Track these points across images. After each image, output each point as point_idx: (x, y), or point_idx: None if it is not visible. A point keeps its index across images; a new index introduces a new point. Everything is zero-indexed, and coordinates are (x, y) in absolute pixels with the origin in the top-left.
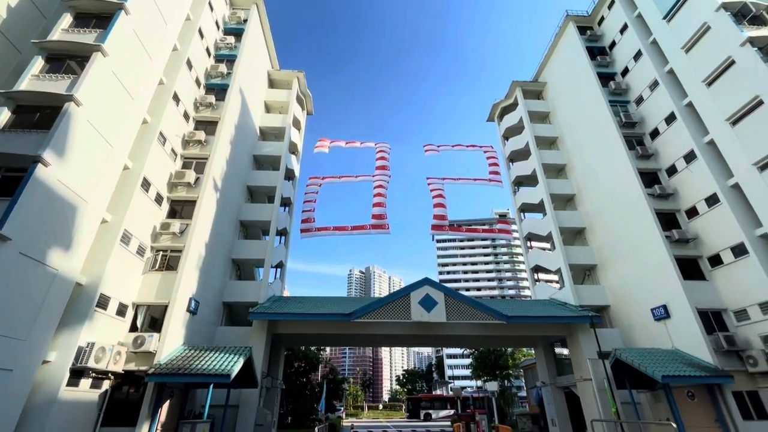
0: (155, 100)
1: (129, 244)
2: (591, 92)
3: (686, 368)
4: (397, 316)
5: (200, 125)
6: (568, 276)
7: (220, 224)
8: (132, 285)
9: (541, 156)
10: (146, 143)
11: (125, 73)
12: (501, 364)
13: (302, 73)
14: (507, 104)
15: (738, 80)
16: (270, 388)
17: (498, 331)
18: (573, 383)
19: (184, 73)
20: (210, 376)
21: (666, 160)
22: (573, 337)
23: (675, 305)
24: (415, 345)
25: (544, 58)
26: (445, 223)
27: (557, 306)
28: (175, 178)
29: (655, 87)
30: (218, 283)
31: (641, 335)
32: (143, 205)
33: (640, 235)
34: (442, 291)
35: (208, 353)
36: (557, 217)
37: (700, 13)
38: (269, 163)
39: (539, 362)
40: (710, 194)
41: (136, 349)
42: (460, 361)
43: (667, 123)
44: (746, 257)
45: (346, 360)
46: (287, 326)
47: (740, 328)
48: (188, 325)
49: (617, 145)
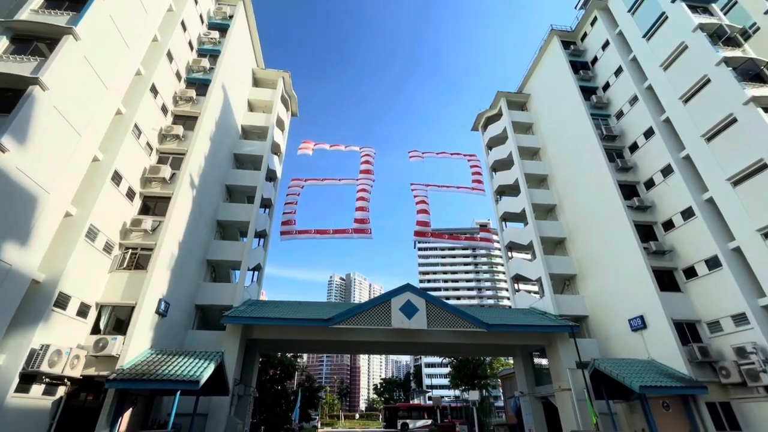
0: (131, 91)
1: (95, 240)
2: (574, 105)
3: (662, 379)
4: (377, 323)
5: (179, 120)
6: (549, 285)
7: (196, 223)
8: (96, 284)
9: (523, 166)
10: (119, 135)
11: (99, 60)
12: (480, 373)
13: (288, 73)
14: (491, 114)
15: (713, 98)
16: (242, 396)
17: (478, 339)
18: (551, 393)
19: (163, 65)
20: (177, 383)
21: (644, 174)
22: (552, 347)
23: (651, 316)
24: (394, 353)
25: (529, 71)
26: (428, 229)
27: (537, 315)
28: (150, 173)
29: (635, 102)
30: (191, 284)
31: (619, 345)
32: (113, 199)
33: (618, 246)
34: (424, 298)
35: (176, 358)
36: (538, 226)
37: (678, 33)
38: (250, 163)
39: (518, 372)
40: (686, 208)
41: (97, 352)
42: (439, 370)
43: (645, 137)
44: (719, 270)
45: (323, 368)
46: (263, 331)
47: (713, 339)
48: (157, 328)
49: (598, 157)
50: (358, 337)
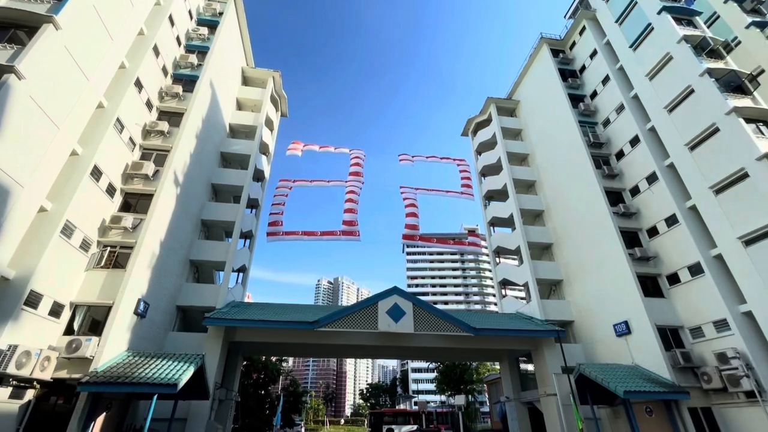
0: (114, 84)
1: (71, 237)
2: (562, 112)
3: (646, 384)
4: (363, 326)
5: (164, 116)
6: (535, 290)
7: (179, 222)
8: (72, 282)
9: (512, 171)
10: (100, 129)
11: (81, 51)
12: (466, 378)
13: (278, 72)
14: (481, 120)
15: (697, 108)
16: (224, 400)
17: (465, 343)
18: (537, 398)
19: (149, 59)
20: (153, 386)
21: (630, 181)
22: (538, 352)
23: (636, 321)
24: (381, 356)
25: (519, 77)
26: (416, 232)
27: (524, 320)
28: (132, 169)
29: (621, 111)
30: (173, 284)
31: (603, 351)
32: (92, 195)
33: (604, 251)
34: (411, 301)
35: (154, 360)
36: (526, 231)
37: (664, 44)
38: (237, 162)
39: (504, 377)
40: (670, 215)
41: (69, 354)
42: (425, 375)
43: (631, 145)
44: (702, 276)
45: (309, 372)
46: (246, 334)
47: (696, 345)
48: (135, 329)
49: (585, 163)
50: (344, 340)
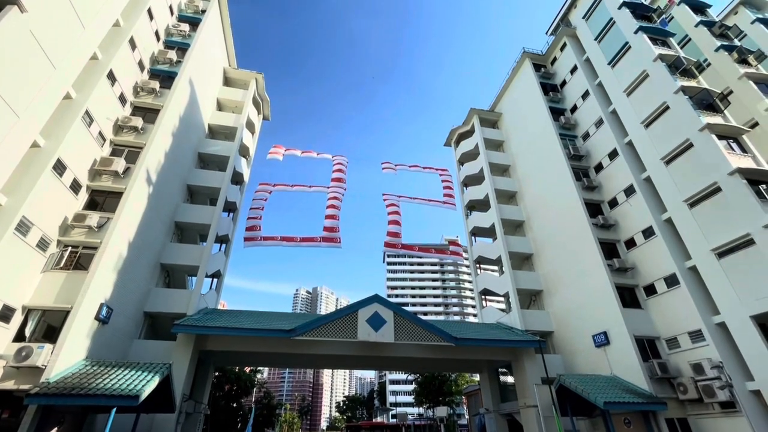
0: (85, 75)
1: (27, 234)
2: (543, 125)
3: (625, 395)
4: (342, 335)
5: (139, 111)
6: (516, 300)
7: (151, 223)
8: (25, 284)
9: (494, 182)
10: (67, 121)
11: (48, 37)
12: (445, 390)
13: (261, 74)
14: (464, 130)
15: (671, 124)
16: (191, 413)
17: (445, 354)
18: (516, 410)
19: (125, 52)
20: (112, 398)
21: (608, 193)
22: (518, 362)
23: (615, 332)
24: (360, 367)
25: (501, 90)
26: (398, 240)
27: (504, 330)
28: (100, 165)
29: (600, 125)
30: (140, 289)
31: (583, 361)
32: (54, 191)
33: (584, 262)
34: (392, 309)
35: (114, 370)
36: (507, 241)
37: (641, 62)
38: (215, 163)
39: (483, 388)
40: (647, 227)
41: (18, 362)
42: (403, 387)
43: (610, 158)
44: (677, 288)
45: (285, 384)
46: (218, 342)
47: (672, 355)
48: (95, 336)
49: (566, 175)
50: (321, 350)
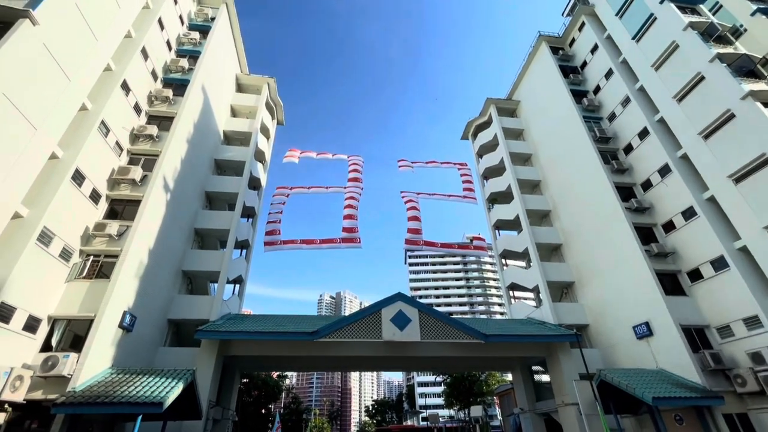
0: (100, 86)
1: (50, 245)
2: (565, 109)
3: (675, 389)
4: (366, 335)
5: (154, 120)
6: (546, 294)
7: (170, 230)
8: (50, 295)
9: (516, 172)
10: (83, 132)
11: (62, 50)
12: (475, 390)
13: (273, 79)
14: (481, 122)
15: (708, 95)
16: (219, 420)
17: (475, 351)
18: (553, 409)
19: (137, 62)
20: (137, 405)
21: (641, 175)
22: (553, 358)
23: (658, 322)
24: (386, 368)
25: (518, 77)
26: (419, 237)
27: (535, 325)
28: (118, 174)
29: (627, 104)
30: (163, 297)
31: (624, 355)
32: (74, 201)
33: (618, 250)
34: (416, 307)
35: (139, 377)
36: (533, 232)
37: (668, 33)
38: (232, 169)
39: (517, 387)
40: (686, 207)
41: (45, 372)
42: (432, 389)
43: (640, 138)
44: (726, 271)
45: (313, 390)
46: (242, 347)
47: (725, 345)
48: (120, 345)
49: (592, 159)
50: (346, 351)
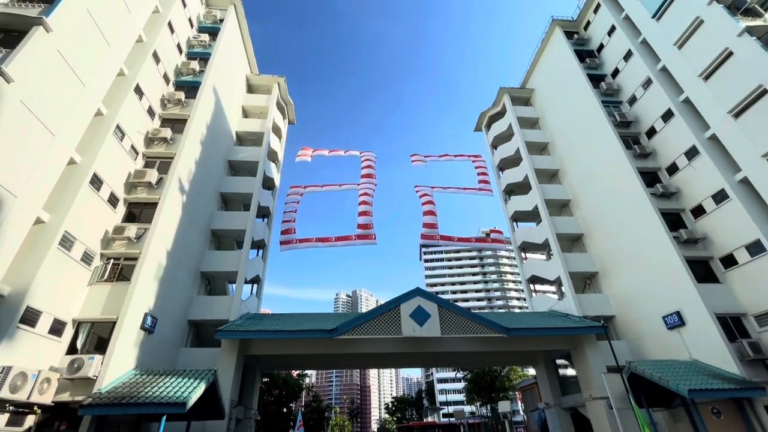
0: (113, 91)
1: (71, 249)
2: (582, 94)
3: (712, 380)
4: (386, 332)
5: (167, 123)
6: (569, 285)
7: (187, 232)
8: (74, 298)
9: (532, 161)
10: (99, 137)
11: (75, 56)
12: (497, 385)
13: (283, 78)
14: (495, 112)
15: (738, 71)
16: (242, 420)
17: (497, 346)
18: (580, 403)
19: (149, 66)
20: (161, 406)
21: (665, 159)
22: (578, 351)
23: (690, 311)
24: (406, 365)
25: (531, 65)
26: (436, 231)
27: (559, 317)
28: (135, 177)
29: (649, 85)
30: (183, 298)
31: (653, 346)
32: (93, 205)
33: (644, 237)
34: (436, 302)
35: (162, 378)
36: (553, 223)
37: (692, 9)
38: (246, 170)
39: (541, 381)
40: (717, 191)
41: (71, 374)
42: (452, 386)
43: (663, 120)
44: (763, 255)
45: (333, 388)
46: (261, 346)
47: (764, 333)
48: (143, 346)
49: (613, 145)
50: (365, 348)
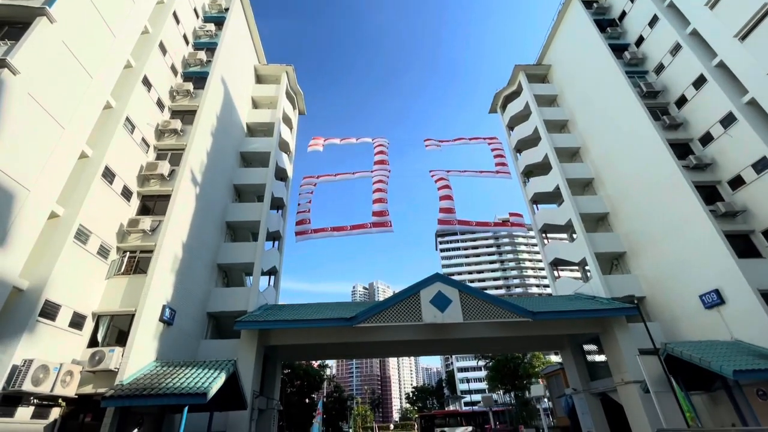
0: (122, 84)
1: (87, 242)
2: (604, 66)
3: (758, 361)
4: (406, 319)
5: (177, 115)
6: (595, 266)
7: (202, 224)
8: (93, 292)
9: (552, 140)
10: (109, 129)
11: (81, 47)
12: (520, 372)
13: (291, 67)
14: (510, 91)
15: None
16: (264, 410)
17: (521, 331)
18: (611, 387)
19: (156, 57)
20: (182, 396)
21: (698, 129)
22: (608, 334)
23: (731, 289)
24: (427, 353)
25: (547, 40)
26: (453, 216)
27: (585, 300)
28: (147, 170)
29: (677, 51)
30: (201, 291)
31: (689, 327)
32: (106, 198)
33: (677, 213)
34: (456, 287)
35: (183, 369)
36: (576, 202)
37: None
38: (258, 161)
39: (568, 366)
40: (758, 159)
41: (93, 367)
42: (473, 374)
43: (695, 87)
44: None
45: (353, 379)
46: (281, 336)
47: None
48: (162, 338)
49: (640, 117)
50: (385, 336)
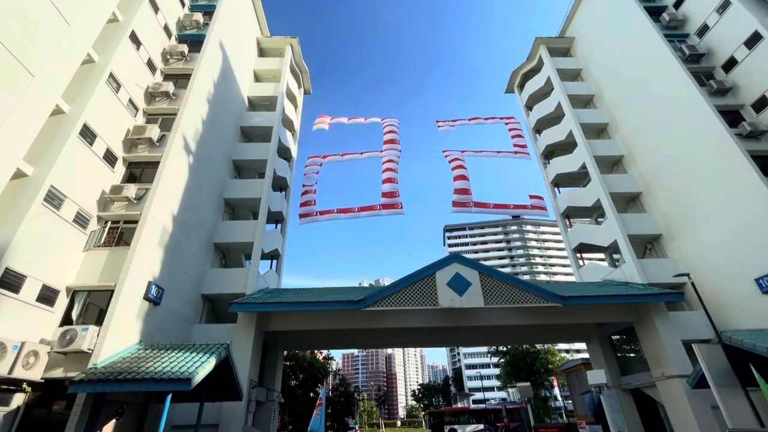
0: (106, 38)
1: (60, 207)
2: (639, 31)
3: None
4: (420, 302)
5: (170, 78)
6: (629, 249)
7: (197, 198)
8: (68, 264)
9: (577, 116)
10: (90, 85)
11: None
12: (537, 367)
13: (296, 39)
14: (529, 68)
15: None
16: (264, 402)
17: (546, 318)
18: (648, 383)
19: (146, 13)
20: (161, 382)
21: (751, 93)
22: (645, 323)
23: None
24: (440, 343)
25: (570, 10)
26: (469, 198)
27: (617, 286)
28: (134, 133)
29: (725, 9)
30: (196, 270)
31: (741, 315)
32: (86, 161)
33: (727, 187)
34: (477, 269)
35: (168, 353)
36: (606, 181)
37: None
38: (259, 136)
39: (595, 359)
40: None
41: (63, 347)
42: (482, 371)
43: (747, 47)
44: None
45: (359, 375)
46: (281, 321)
47: None
48: (148, 319)
49: (683, 83)
50: (396, 322)
